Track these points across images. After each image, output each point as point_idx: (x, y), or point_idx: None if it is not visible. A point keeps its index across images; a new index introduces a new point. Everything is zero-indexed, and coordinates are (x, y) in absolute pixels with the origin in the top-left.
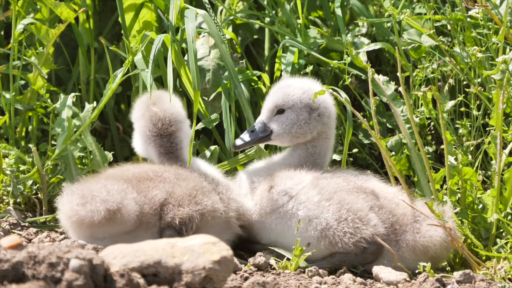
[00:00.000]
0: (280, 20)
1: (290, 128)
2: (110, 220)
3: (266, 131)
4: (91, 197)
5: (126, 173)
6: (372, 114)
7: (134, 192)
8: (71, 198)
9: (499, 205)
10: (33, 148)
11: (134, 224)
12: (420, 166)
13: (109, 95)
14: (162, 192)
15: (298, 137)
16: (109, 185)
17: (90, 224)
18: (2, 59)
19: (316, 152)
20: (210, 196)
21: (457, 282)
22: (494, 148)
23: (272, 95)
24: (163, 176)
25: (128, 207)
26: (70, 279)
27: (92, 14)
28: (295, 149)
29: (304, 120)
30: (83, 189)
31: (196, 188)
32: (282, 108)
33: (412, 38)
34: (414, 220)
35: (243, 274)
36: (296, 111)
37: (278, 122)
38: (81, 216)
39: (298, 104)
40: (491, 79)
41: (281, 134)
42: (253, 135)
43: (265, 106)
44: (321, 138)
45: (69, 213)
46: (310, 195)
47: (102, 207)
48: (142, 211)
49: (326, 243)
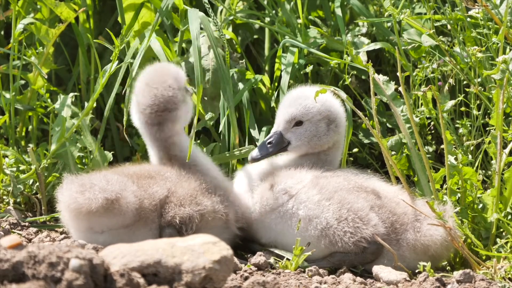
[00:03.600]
0: (280, 20)
1: (309, 140)
2: (108, 210)
3: (284, 143)
4: (90, 185)
5: (127, 170)
6: (373, 114)
7: (134, 185)
8: (71, 187)
9: (499, 204)
10: (29, 148)
11: (132, 218)
12: (420, 166)
13: (99, 90)
14: (162, 189)
15: (316, 148)
16: (109, 175)
17: (87, 213)
18: (2, 59)
19: (328, 160)
20: (210, 197)
21: (457, 282)
22: (494, 147)
23: (289, 106)
24: (164, 176)
25: (127, 199)
26: (70, 278)
27: (92, 14)
28: (303, 155)
29: (323, 132)
30: (83, 179)
31: (197, 189)
32: (300, 120)
33: (412, 38)
34: (414, 219)
35: (243, 274)
36: (315, 123)
37: (296, 134)
38: (79, 204)
39: (317, 117)
40: (491, 79)
41: (299, 146)
42: (271, 147)
43: (281, 117)
44: (334, 147)
45: (67, 201)
46: (310, 194)
47: (100, 195)
48: (142, 205)
49: (326, 243)
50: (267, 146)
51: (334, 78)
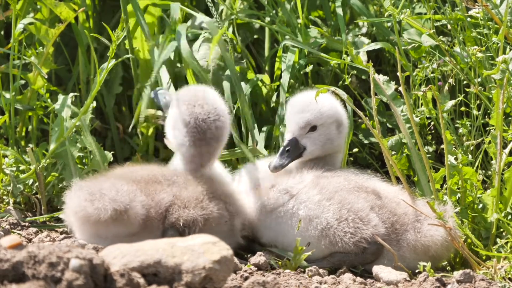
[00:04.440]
0: (280, 19)
1: (323, 145)
2: (116, 221)
3: (300, 149)
4: (100, 195)
5: (135, 174)
6: (373, 114)
7: (143, 195)
8: (80, 193)
9: (499, 204)
10: (28, 148)
11: (139, 227)
12: (420, 166)
13: (97, 88)
14: (169, 195)
15: (328, 152)
16: (119, 185)
17: (95, 222)
18: (2, 59)
19: (333, 162)
20: (216, 203)
21: (457, 282)
22: (494, 147)
23: (303, 112)
24: (172, 180)
25: (135, 209)
26: (70, 278)
27: (92, 14)
28: (312, 159)
29: (335, 135)
30: (92, 186)
31: (203, 193)
32: (315, 125)
33: (412, 37)
34: (415, 220)
35: (243, 274)
36: (328, 127)
37: (311, 139)
38: (87, 213)
39: (329, 120)
40: (491, 79)
41: (313, 151)
42: (290, 155)
43: (294, 122)
44: (340, 150)
45: (76, 208)
46: (310, 194)
47: (109, 206)
48: (148, 215)
49: (326, 243)
50: (286, 155)
51: (334, 78)
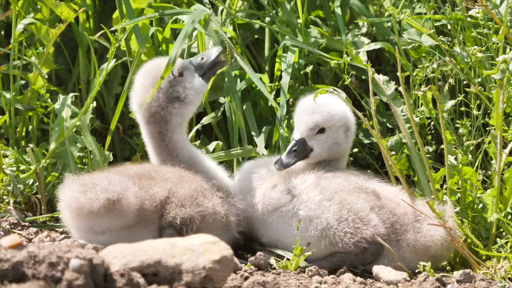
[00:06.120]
0: (280, 19)
1: (329, 147)
2: (109, 211)
3: (307, 150)
4: (92, 185)
5: (129, 170)
6: (372, 114)
7: (136, 186)
8: (72, 186)
9: (499, 204)
10: (28, 148)
11: (133, 219)
12: (420, 166)
13: (97, 88)
14: (163, 190)
15: (333, 155)
16: (111, 176)
17: (89, 213)
18: (2, 59)
19: (337, 165)
20: (211, 199)
21: (457, 282)
22: (494, 147)
23: (313, 113)
24: (165, 176)
25: (128, 199)
26: (70, 278)
27: (92, 14)
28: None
29: (342, 139)
30: (84, 179)
31: (198, 190)
32: (324, 127)
33: (412, 37)
34: (415, 220)
35: (243, 274)
36: (336, 130)
37: (319, 141)
38: (80, 203)
39: (338, 124)
40: (491, 79)
41: (320, 153)
42: (297, 155)
43: (303, 123)
44: (345, 155)
45: (69, 200)
46: (311, 195)
47: (102, 195)
48: (142, 206)
49: (326, 243)
50: (293, 154)
51: (334, 78)
